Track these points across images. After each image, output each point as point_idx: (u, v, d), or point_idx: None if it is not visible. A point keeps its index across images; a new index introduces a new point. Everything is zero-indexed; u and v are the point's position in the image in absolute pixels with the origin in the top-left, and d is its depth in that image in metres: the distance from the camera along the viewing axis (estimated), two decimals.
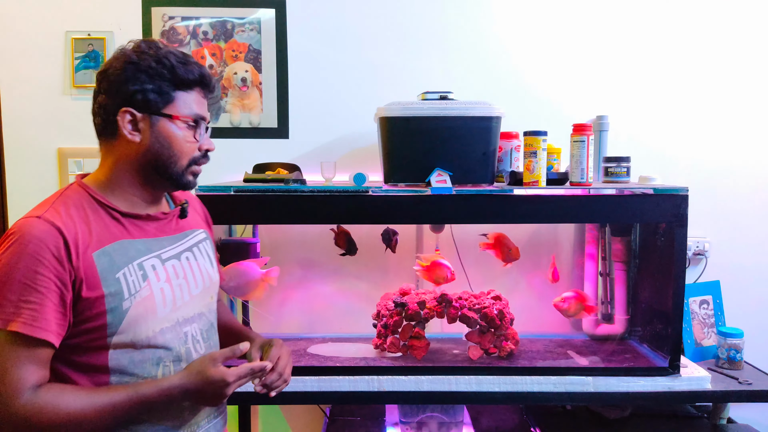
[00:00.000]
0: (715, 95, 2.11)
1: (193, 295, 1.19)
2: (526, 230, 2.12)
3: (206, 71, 1.16)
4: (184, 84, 1.12)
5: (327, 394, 1.69)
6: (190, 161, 1.15)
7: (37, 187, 2.07)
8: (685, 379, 1.69)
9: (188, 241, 1.23)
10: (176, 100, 1.12)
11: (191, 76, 1.12)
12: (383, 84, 2.09)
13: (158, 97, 1.10)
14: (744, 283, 2.12)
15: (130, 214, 1.13)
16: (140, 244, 1.13)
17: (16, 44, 2.05)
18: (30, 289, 0.99)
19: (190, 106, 1.13)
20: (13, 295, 0.99)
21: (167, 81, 1.11)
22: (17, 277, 0.99)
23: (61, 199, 1.09)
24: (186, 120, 1.13)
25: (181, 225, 1.24)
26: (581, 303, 1.86)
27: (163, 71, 1.10)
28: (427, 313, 1.81)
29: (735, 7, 2.09)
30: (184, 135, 1.13)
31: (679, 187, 1.67)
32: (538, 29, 2.10)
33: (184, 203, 1.25)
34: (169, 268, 1.15)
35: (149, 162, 1.12)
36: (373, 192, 1.67)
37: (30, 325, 0.99)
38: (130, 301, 1.07)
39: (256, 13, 2.08)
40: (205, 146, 1.17)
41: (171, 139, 1.12)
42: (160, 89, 1.10)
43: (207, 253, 1.28)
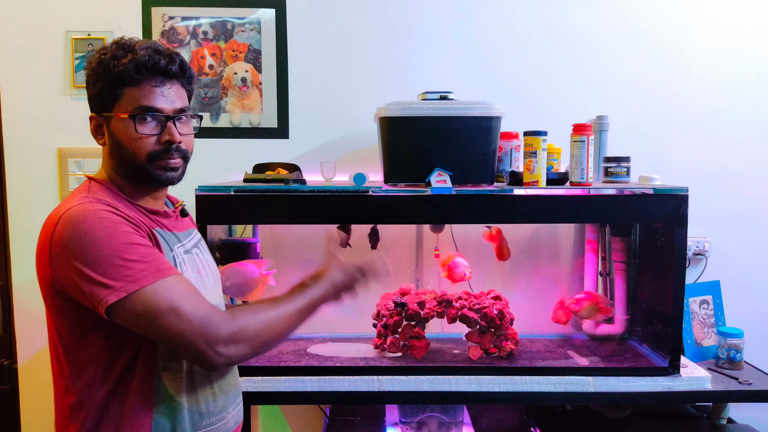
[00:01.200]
0: (715, 95, 2.11)
1: (208, 288, 1.22)
2: (526, 230, 2.12)
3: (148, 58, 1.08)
4: (124, 79, 1.08)
5: (327, 394, 1.69)
6: (149, 157, 1.10)
7: (37, 187, 2.07)
8: (685, 379, 1.69)
9: (193, 239, 1.27)
10: (123, 97, 1.09)
11: (123, 69, 1.07)
12: (383, 84, 2.09)
13: (106, 98, 1.10)
14: (744, 283, 2.12)
15: (151, 210, 1.16)
16: (168, 235, 1.16)
17: (16, 44, 2.05)
18: (138, 246, 1.02)
19: (140, 100, 1.08)
20: (137, 254, 1.01)
21: (110, 79, 1.08)
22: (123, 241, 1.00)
23: (91, 191, 1.10)
24: (124, 116, 1.08)
25: (184, 224, 1.27)
26: (595, 304, 1.86)
27: (102, 70, 1.08)
28: (427, 313, 1.81)
29: (735, 6, 2.09)
30: (131, 131, 1.09)
31: (679, 187, 1.67)
32: (538, 29, 2.09)
33: (182, 203, 1.28)
34: (189, 260, 1.19)
35: (118, 162, 1.13)
36: (373, 192, 1.67)
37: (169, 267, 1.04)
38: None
39: (256, 13, 2.08)
40: (165, 137, 1.10)
41: (121, 137, 1.10)
42: (106, 89, 1.09)
43: (208, 251, 1.32)
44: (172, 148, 1.11)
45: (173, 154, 1.12)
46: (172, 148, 1.11)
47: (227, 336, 1.03)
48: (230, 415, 1.22)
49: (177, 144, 1.12)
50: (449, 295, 1.85)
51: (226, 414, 1.20)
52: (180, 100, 1.14)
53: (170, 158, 1.12)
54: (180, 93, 1.15)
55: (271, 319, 1.09)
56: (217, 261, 1.84)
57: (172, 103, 1.12)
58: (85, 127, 2.05)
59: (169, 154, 1.11)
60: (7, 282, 2.09)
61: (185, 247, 1.20)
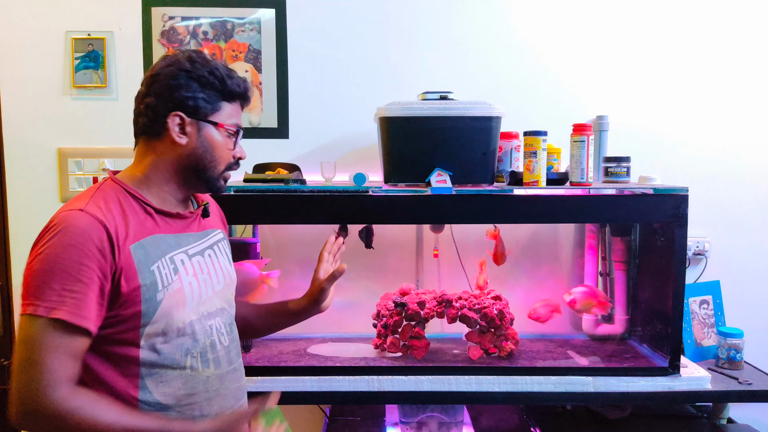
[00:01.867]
0: (715, 95, 2.11)
1: (216, 291, 1.24)
2: (526, 230, 2.12)
3: (248, 85, 1.24)
4: (230, 95, 1.20)
5: (327, 394, 1.69)
6: (226, 167, 1.22)
7: (37, 187, 2.07)
8: (685, 379, 1.69)
9: (209, 240, 1.28)
10: (222, 109, 1.19)
11: (237, 89, 1.20)
12: (383, 84, 2.09)
13: (207, 105, 1.17)
14: (744, 283, 2.12)
15: (161, 211, 1.18)
16: (170, 238, 1.17)
17: (16, 44, 2.05)
18: (74, 279, 1.02)
19: (232, 116, 1.21)
20: (57, 284, 1.02)
21: (217, 91, 1.18)
22: (62, 267, 1.02)
23: (99, 193, 1.13)
24: (229, 129, 1.20)
25: (203, 224, 1.29)
26: (593, 299, 1.86)
27: (214, 81, 1.17)
28: (427, 313, 1.81)
29: (735, 6, 2.09)
30: (225, 142, 1.20)
31: (679, 187, 1.67)
32: (538, 29, 2.09)
33: (205, 204, 1.30)
34: (195, 263, 1.20)
35: (191, 164, 1.18)
36: (373, 192, 1.67)
37: (74, 314, 1.01)
38: (164, 293, 1.11)
39: (256, 13, 2.08)
40: (238, 154, 1.24)
41: (214, 145, 1.19)
42: (209, 98, 1.17)
43: (225, 252, 1.33)
44: (239, 163, 1.26)
45: (235, 168, 1.25)
46: (239, 163, 1.26)
47: (42, 411, 0.99)
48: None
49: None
50: (449, 295, 1.85)
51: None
52: None
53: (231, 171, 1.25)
54: None
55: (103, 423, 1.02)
56: None
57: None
58: (85, 127, 2.07)
59: (235, 167, 1.25)
60: (7, 282, 2.09)
61: (196, 248, 1.22)
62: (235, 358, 1.26)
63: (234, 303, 1.34)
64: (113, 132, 2.07)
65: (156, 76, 1.17)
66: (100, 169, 2.07)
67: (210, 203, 1.36)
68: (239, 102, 1.23)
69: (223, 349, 1.22)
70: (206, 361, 1.18)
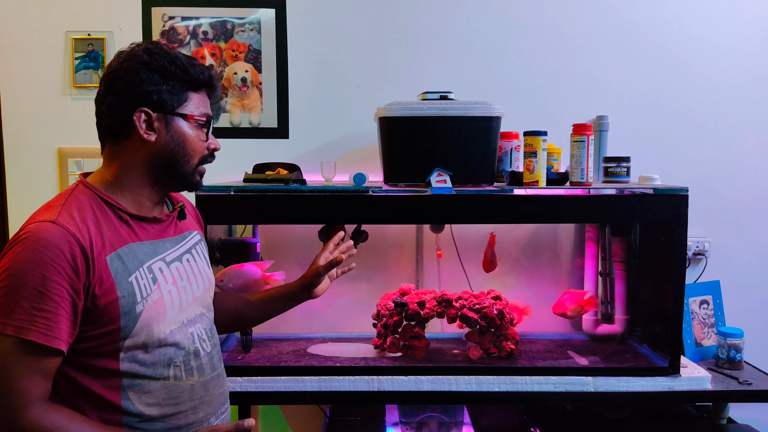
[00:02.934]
0: (715, 95, 2.11)
1: (196, 297, 1.21)
2: (526, 230, 2.12)
3: (213, 73, 1.20)
4: (195, 84, 1.16)
5: (327, 394, 1.69)
6: (200, 160, 1.18)
7: (37, 187, 2.07)
8: (685, 379, 1.69)
9: (187, 243, 1.25)
10: (189, 100, 1.15)
11: (202, 77, 1.16)
12: (383, 84, 2.09)
13: (173, 97, 1.13)
14: (744, 283, 2.12)
15: (137, 216, 1.13)
16: (147, 246, 1.13)
17: (16, 44, 2.05)
18: (44, 296, 0.98)
19: (200, 106, 1.17)
20: (26, 302, 0.97)
21: (181, 81, 1.14)
22: (31, 284, 0.97)
23: (72, 200, 1.08)
24: (199, 119, 1.16)
25: (180, 227, 1.25)
26: (578, 303, 1.86)
27: (176, 71, 1.12)
28: (427, 313, 1.81)
29: (735, 6, 2.09)
30: (196, 134, 1.16)
31: (679, 187, 1.67)
32: (538, 29, 2.09)
33: (181, 205, 1.26)
34: (173, 270, 1.16)
35: (163, 161, 1.14)
36: (373, 192, 1.67)
37: (44, 334, 0.97)
38: (143, 304, 1.08)
39: (256, 13, 2.08)
40: (212, 145, 1.20)
41: (185, 138, 1.15)
42: (174, 89, 1.13)
43: (203, 255, 1.30)
44: (214, 155, 1.22)
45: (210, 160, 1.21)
46: (214, 155, 1.22)
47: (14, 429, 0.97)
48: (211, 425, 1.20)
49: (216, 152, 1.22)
50: (449, 295, 1.85)
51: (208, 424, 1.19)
52: None
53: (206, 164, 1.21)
54: None
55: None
56: (217, 261, 1.84)
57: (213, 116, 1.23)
58: (85, 127, 2.07)
59: (210, 159, 1.21)
60: None
61: (174, 254, 1.18)
62: (218, 364, 1.24)
63: (212, 307, 1.30)
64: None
65: (114, 74, 1.11)
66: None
67: (185, 204, 1.32)
68: (205, 91, 1.19)
69: (206, 356, 1.19)
70: (190, 370, 1.15)
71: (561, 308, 1.89)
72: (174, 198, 1.29)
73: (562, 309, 1.88)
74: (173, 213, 1.23)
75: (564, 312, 1.88)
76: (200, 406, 1.17)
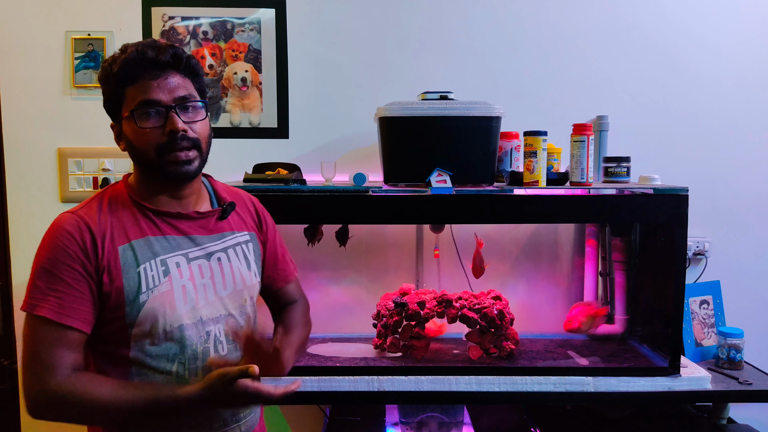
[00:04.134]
0: (715, 95, 2.11)
1: (220, 296, 1.19)
2: (526, 230, 2.12)
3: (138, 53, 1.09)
4: (124, 79, 1.10)
5: (327, 394, 1.69)
6: (157, 150, 1.10)
7: (37, 187, 2.07)
8: (685, 379, 1.69)
9: (224, 243, 1.23)
10: (126, 97, 1.11)
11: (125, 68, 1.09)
12: (383, 84, 2.09)
13: (114, 103, 1.14)
14: (744, 283, 2.12)
15: (161, 212, 1.17)
16: (168, 241, 1.15)
17: (16, 44, 2.05)
18: (57, 278, 1.07)
19: (136, 97, 1.10)
20: (42, 282, 1.07)
21: (112, 84, 1.12)
22: (47, 267, 1.07)
23: (102, 194, 1.17)
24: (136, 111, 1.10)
25: (221, 226, 1.23)
26: (588, 314, 1.88)
27: (104, 76, 1.13)
28: (427, 313, 1.81)
29: (735, 6, 2.09)
30: (137, 129, 1.10)
31: (679, 187, 1.67)
32: (538, 29, 2.09)
33: (226, 205, 1.24)
34: (194, 267, 1.17)
35: (138, 163, 1.17)
36: (373, 192, 1.67)
37: (56, 312, 1.06)
38: (147, 294, 1.10)
39: (256, 13, 2.08)
40: (168, 127, 1.09)
41: (131, 137, 1.13)
42: (112, 94, 1.13)
43: (245, 256, 1.26)
44: (177, 137, 1.10)
45: (180, 143, 1.10)
46: (177, 137, 1.10)
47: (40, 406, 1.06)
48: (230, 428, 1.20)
49: (182, 132, 1.10)
50: (449, 295, 1.85)
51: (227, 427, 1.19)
52: (182, 89, 1.12)
53: (178, 150, 1.11)
54: (181, 82, 1.13)
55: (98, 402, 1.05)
56: None
57: (170, 93, 1.11)
58: (85, 127, 2.07)
59: (175, 144, 1.10)
60: (7, 282, 2.09)
61: (202, 251, 1.18)
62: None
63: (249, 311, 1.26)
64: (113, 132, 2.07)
65: None
66: (99, 169, 2.07)
67: (241, 204, 1.31)
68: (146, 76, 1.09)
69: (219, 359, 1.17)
70: (194, 369, 1.14)
71: (575, 323, 1.91)
72: (221, 196, 1.27)
73: (576, 324, 1.90)
74: (212, 211, 1.22)
75: (578, 327, 1.90)
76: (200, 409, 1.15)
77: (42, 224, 1.11)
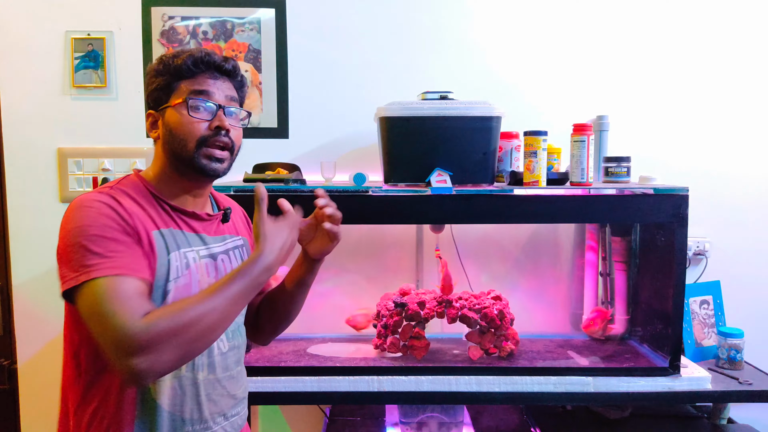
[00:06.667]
0: (715, 95, 2.11)
1: None
2: (526, 230, 2.12)
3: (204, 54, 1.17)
4: (179, 73, 1.16)
5: (327, 394, 1.69)
6: (198, 141, 1.15)
7: (37, 187, 2.07)
8: (686, 379, 1.69)
9: (225, 245, 1.26)
10: (177, 90, 1.16)
11: (184, 65, 1.16)
12: (383, 84, 2.09)
13: (163, 93, 1.17)
14: (744, 283, 2.12)
15: (178, 208, 1.18)
16: (185, 237, 1.17)
17: (16, 44, 2.05)
18: (111, 240, 1.03)
19: (191, 88, 1.16)
20: (99, 248, 1.02)
21: (166, 75, 1.17)
22: (94, 233, 1.03)
23: (117, 184, 1.15)
24: (189, 100, 1.15)
25: (221, 229, 1.27)
26: (605, 319, 1.93)
27: (161, 68, 1.17)
28: (427, 313, 1.81)
29: (735, 6, 2.09)
30: (187, 118, 1.15)
31: (679, 187, 1.67)
32: (539, 29, 2.09)
33: (227, 209, 1.30)
34: (203, 265, 1.18)
35: (169, 153, 1.17)
36: (373, 192, 1.67)
37: (126, 267, 1.02)
38: (173, 284, 1.11)
39: (256, 13, 2.08)
40: (215, 123, 1.15)
41: (173, 125, 1.15)
42: (164, 85, 1.16)
43: (241, 259, 1.29)
44: (221, 133, 1.16)
45: (221, 140, 1.16)
46: (221, 133, 1.16)
47: (140, 346, 0.95)
48: (219, 426, 1.19)
49: (226, 131, 1.16)
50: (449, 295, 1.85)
51: (214, 424, 1.18)
52: (233, 95, 1.21)
53: (217, 146, 1.16)
54: (232, 89, 1.21)
55: (197, 313, 1.00)
56: None
57: (223, 94, 1.19)
58: (85, 127, 2.07)
59: (217, 140, 1.16)
60: (7, 282, 2.09)
61: (207, 251, 1.20)
62: (232, 366, 1.23)
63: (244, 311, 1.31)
64: (113, 132, 2.07)
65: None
66: (99, 169, 2.07)
67: (235, 211, 1.36)
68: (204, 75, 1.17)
69: (219, 355, 1.19)
70: (200, 365, 1.16)
71: (596, 325, 1.94)
72: (219, 202, 1.33)
73: (597, 326, 1.94)
74: (216, 214, 1.27)
75: (599, 329, 1.94)
76: (205, 403, 1.17)
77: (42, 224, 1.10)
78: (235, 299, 1.05)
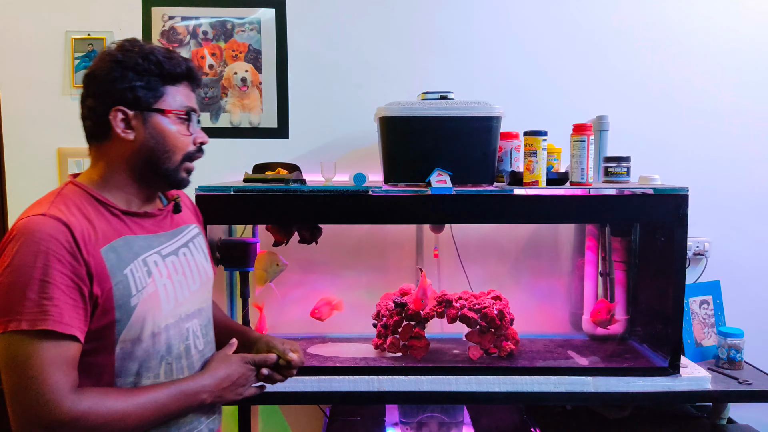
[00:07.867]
0: (715, 95, 2.11)
1: (192, 291, 1.19)
2: (526, 230, 2.12)
3: (192, 64, 1.17)
4: (172, 78, 1.13)
5: (327, 394, 1.69)
6: (185, 156, 1.15)
7: (37, 187, 2.07)
8: (686, 379, 1.69)
9: (184, 237, 1.23)
10: (166, 94, 1.12)
11: (178, 69, 1.13)
12: (383, 84, 2.09)
13: (148, 93, 1.10)
14: (744, 283, 2.12)
15: (128, 212, 1.13)
16: (141, 240, 1.12)
17: (16, 44, 2.05)
18: (50, 285, 0.97)
19: (180, 100, 1.14)
20: (34, 294, 0.96)
21: (155, 76, 1.11)
22: (35, 276, 0.96)
23: (60, 197, 1.07)
24: (178, 113, 1.13)
25: (176, 220, 1.24)
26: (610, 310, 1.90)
27: (150, 67, 1.10)
28: (427, 313, 1.81)
29: (736, 6, 2.09)
30: (178, 129, 1.13)
31: (679, 187, 1.67)
32: (539, 29, 2.09)
33: (176, 198, 1.25)
34: (169, 264, 1.15)
35: (144, 159, 1.12)
36: (373, 192, 1.67)
37: (59, 323, 0.96)
38: (138, 297, 1.06)
39: (256, 12, 2.08)
40: (199, 139, 1.17)
41: (164, 134, 1.12)
42: (149, 85, 1.10)
43: (201, 248, 1.28)
44: (201, 149, 1.19)
45: (200, 155, 1.19)
46: (201, 149, 1.19)
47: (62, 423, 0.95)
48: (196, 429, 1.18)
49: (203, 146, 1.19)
50: (449, 295, 1.85)
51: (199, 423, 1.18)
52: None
53: (194, 160, 1.18)
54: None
55: (125, 411, 1.00)
56: (218, 261, 1.84)
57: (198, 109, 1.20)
58: None
59: (198, 155, 1.18)
60: None
61: (170, 248, 1.17)
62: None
63: (211, 302, 1.29)
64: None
65: (92, 75, 1.10)
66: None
67: (182, 197, 1.30)
68: (187, 84, 1.16)
69: (197, 353, 1.18)
70: (181, 369, 1.14)
71: (602, 314, 1.91)
72: (168, 192, 1.28)
73: (604, 315, 1.90)
74: (167, 207, 1.22)
75: (605, 318, 1.90)
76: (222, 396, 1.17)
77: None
78: (162, 409, 1.06)
